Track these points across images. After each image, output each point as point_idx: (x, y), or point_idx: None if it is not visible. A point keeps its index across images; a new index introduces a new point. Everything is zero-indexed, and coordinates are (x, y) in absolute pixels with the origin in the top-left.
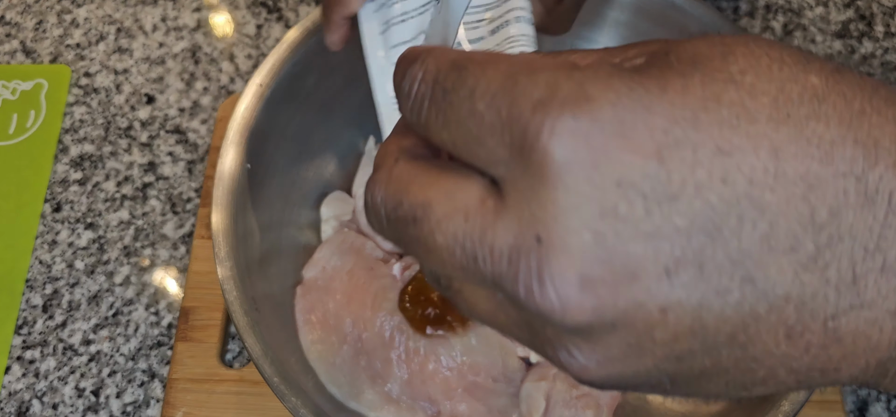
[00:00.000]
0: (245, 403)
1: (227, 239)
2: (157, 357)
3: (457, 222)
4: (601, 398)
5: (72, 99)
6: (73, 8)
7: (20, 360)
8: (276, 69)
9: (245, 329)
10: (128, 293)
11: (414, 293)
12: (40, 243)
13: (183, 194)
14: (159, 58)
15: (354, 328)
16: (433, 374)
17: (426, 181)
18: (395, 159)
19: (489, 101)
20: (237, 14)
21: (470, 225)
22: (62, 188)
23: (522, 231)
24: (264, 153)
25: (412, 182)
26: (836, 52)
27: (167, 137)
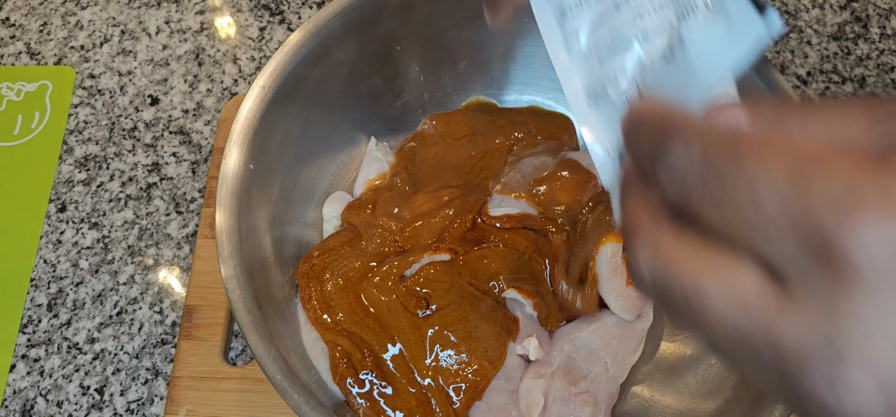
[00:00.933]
0: (248, 400)
1: (231, 239)
2: (160, 355)
3: (736, 313)
4: (599, 395)
5: (76, 100)
6: (77, 10)
7: (25, 358)
8: (278, 71)
9: (248, 328)
10: (132, 291)
11: (412, 292)
12: (45, 243)
13: (187, 194)
14: (163, 60)
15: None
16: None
17: (697, 266)
18: (655, 220)
19: (776, 197)
20: (240, 17)
21: (751, 319)
22: (67, 188)
23: (815, 335)
24: (267, 154)
25: (683, 263)
26: (831, 53)
27: (171, 138)
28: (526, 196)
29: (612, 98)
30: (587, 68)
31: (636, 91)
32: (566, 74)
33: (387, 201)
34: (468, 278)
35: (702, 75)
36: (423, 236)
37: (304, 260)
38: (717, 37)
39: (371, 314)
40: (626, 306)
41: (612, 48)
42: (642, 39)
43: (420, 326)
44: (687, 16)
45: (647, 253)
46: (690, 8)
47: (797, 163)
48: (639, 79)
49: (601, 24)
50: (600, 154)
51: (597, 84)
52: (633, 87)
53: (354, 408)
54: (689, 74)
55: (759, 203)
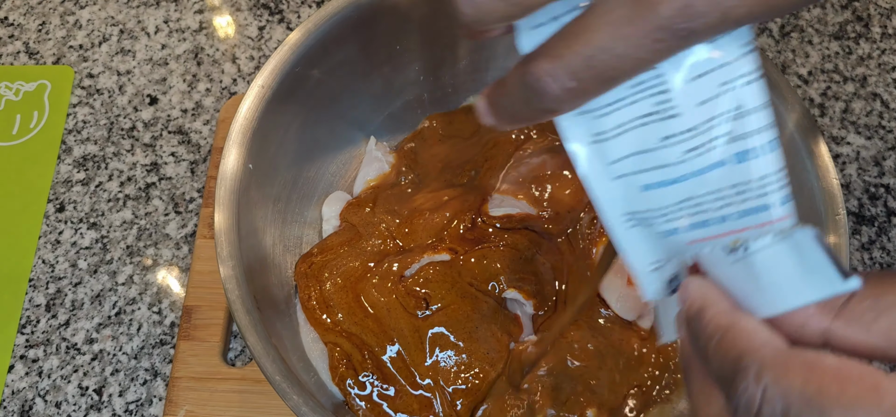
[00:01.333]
0: (247, 401)
1: (230, 238)
2: (159, 356)
3: None
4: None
5: (75, 100)
6: (76, 9)
7: (23, 359)
8: (277, 70)
9: (247, 328)
10: (131, 292)
11: (412, 292)
12: (43, 243)
13: (185, 194)
14: (162, 59)
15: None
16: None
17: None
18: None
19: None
20: (239, 16)
21: None
22: (65, 188)
23: None
24: (266, 154)
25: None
26: (833, 52)
27: (170, 137)
28: (526, 196)
29: (657, 227)
30: (626, 191)
31: (690, 259)
32: (603, 191)
33: (386, 200)
34: (468, 278)
35: (767, 292)
36: (423, 235)
37: (302, 260)
38: (788, 267)
39: (370, 314)
40: (626, 306)
41: (660, 182)
42: (695, 179)
43: (419, 327)
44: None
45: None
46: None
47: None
48: (698, 251)
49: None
50: (641, 268)
51: (641, 210)
52: (686, 229)
53: (354, 409)
54: (752, 283)
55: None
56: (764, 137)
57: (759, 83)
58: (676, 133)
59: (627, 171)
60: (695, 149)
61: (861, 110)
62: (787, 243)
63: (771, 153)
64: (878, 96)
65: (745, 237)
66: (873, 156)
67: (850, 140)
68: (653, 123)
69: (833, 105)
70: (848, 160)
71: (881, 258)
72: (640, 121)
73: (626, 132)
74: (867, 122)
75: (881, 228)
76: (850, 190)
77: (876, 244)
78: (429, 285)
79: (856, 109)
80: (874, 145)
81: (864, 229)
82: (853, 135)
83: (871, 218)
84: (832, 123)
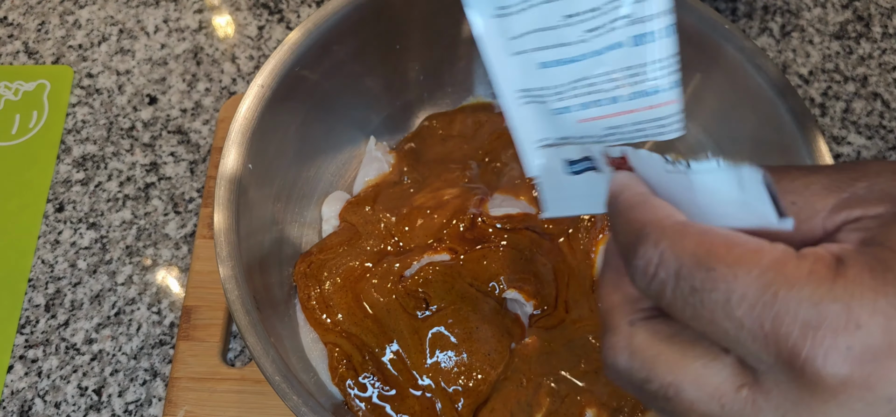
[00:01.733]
0: (246, 401)
1: (229, 239)
2: (159, 356)
3: (712, 407)
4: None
5: (74, 100)
6: (75, 9)
7: (23, 359)
8: (277, 70)
9: (246, 328)
10: (130, 292)
11: (411, 292)
12: (43, 243)
13: (185, 194)
14: (161, 59)
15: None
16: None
17: (673, 361)
18: (629, 321)
19: (748, 312)
20: (239, 15)
21: (726, 411)
22: (65, 188)
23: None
24: (266, 153)
25: (657, 360)
26: (834, 52)
27: (169, 137)
28: (526, 196)
29: (549, 105)
30: (523, 67)
31: (620, 152)
32: (501, 65)
33: (386, 199)
34: (468, 278)
35: (698, 206)
36: (423, 235)
37: (302, 259)
38: (727, 194)
39: (370, 315)
40: None
41: (556, 57)
42: (593, 57)
43: (419, 328)
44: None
45: (623, 352)
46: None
47: (765, 277)
48: (630, 153)
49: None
50: (527, 144)
51: (534, 87)
52: (577, 102)
53: (354, 410)
54: (685, 194)
55: (732, 313)
56: (662, 21)
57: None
58: (579, 12)
59: (527, 47)
60: (595, 29)
61: (862, 110)
62: (731, 174)
63: (667, 38)
64: (879, 96)
65: (633, 133)
66: (874, 156)
67: (850, 140)
68: (557, 0)
69: (834, 105)
70: (849, 160)
71: None
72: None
73: (531, 8)
74: (868, 122)
75: None
76: None
77: None
78: (428, 285)
79: (856, 109)
80: (875, 145)
81: None
82: (854, 135)
83: None
84: (833, 123)
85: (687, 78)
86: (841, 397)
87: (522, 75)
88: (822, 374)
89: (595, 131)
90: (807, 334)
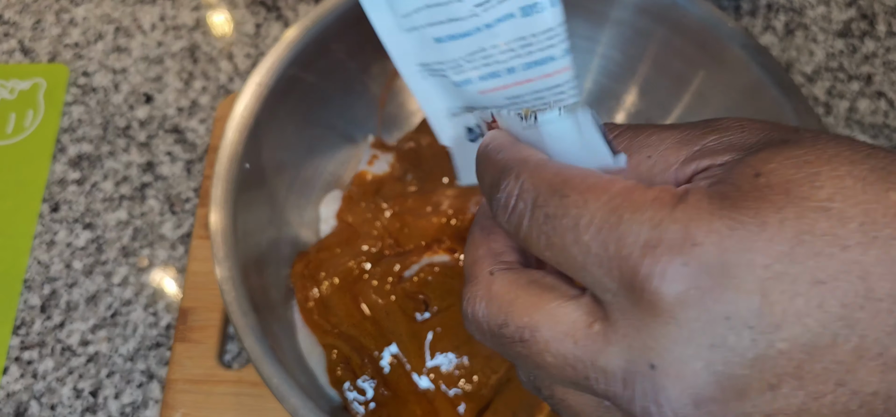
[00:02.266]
0: (244, 404)
1: (226, 239)
2: (155, 358)
3: (566, 344)
4: None
5: (70, 98)
6: (71, 7)
7: (18, 361)
8: (274, 68)
9: (244, 330)
10: (126, 293)
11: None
12: (38, 244)
13: (181, 193)
14: (158, 57)
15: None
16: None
17: (529, 303)
18: (490, 271)
19: (595, 235)
20: (236, 13)
21: (580, 349)
22: (60, 188)
23: (635, 358)
24: (263, 153)
25: (514, 303)
26: (837, 51)
27: (166, 136)
28: None
29: (450, 78)
30: (420, 44)
31: (489, 115)
32: (395, 44)
33: (385, 199)
34: None
35: (553, 156)
36: (422, 235)
37: (299, 260)
38: (570, 140)
39: (368, 317)
40: None
41: (450, 34)
42: (487, 31)
43: (418, 331)
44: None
45: (481, 300)
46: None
47: (613, 203)
48: (495, 111)
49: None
50: (435, 114)
51: (432, 62)
52: (476, 72)
53: (352, 413)
54: (541, 146)
55: (582, 242)
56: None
57: None
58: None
59: (419, 23)
60: (484, 3)
61: (866, 109)
62: (570, 120)
63: (555, 7)
64: (884, 95)
65: (534, 101)
66: None
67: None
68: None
69: (838, 104)
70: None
71: None
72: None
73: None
74: (873, 121)
75: None
76: None
77: None
78: (428, 287)
79: (861, 107)
80: (880, 144)
81: None
82: (859, 134)
83: None
84: (837, 122)
85: (690, 76)
86: (679, 316)
87: (419, 50)
88: (660, 292)
89: (497, 101)
90: (646, 253)
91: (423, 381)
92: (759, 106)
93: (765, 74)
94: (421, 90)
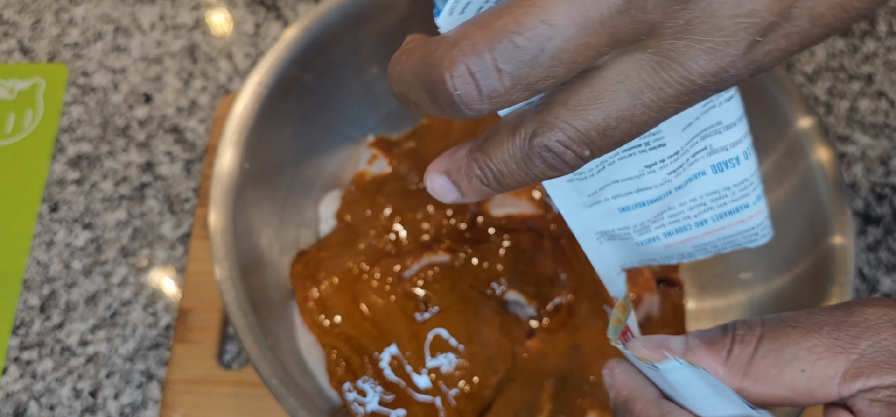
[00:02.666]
0: (243, 404)
1: (225, 239)
2: (154, 358)
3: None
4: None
5: (69, 98)
6: (70, 7)
7: (17, 361)
8: (274, 68)
9: (243, 330)
10: (125, 293)
11: (411, 294)
12: (37, 244)
13: (180, 193)
14: (157, 57)
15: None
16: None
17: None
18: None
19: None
20: (235, 12)
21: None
22: (59, 188)
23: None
24: (262, 152)
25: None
26: (838, 51)
27: (165, 136)
28: (526, 196)
29: (633, 240)
30: (600, 214)
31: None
32: (575, 218)
33: (385, 198)
34: (469, 280)
35: (682, 398)
36: (422, 234)
37: (298, 259)
38: (699, 388)
39: (368, 317)
40: None
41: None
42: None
43: (418, 331)
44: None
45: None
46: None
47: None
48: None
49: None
50: (605, 273)
51: (614, 229)
52: (664, 237)
53: (352, 414)
54: (668, 387)
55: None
56: (741, 147)
57: (737, 99)
58: (661, 160)
59: (605, 197)
60: (677, 169)
61: (867, 109)
62: (693, 371)
63: (748, 160)
64: (884, 95)
65: (723, 245)
66: (879, 155)
67: (855, 139)
68: (638, 154)
69: (838, 104)
70: (853, 160)
71: (887, 259)
72: (624, 153)
73: (607, 167)
74: (873, 121)
75: (887, 228)
76: (855, 190)
77: (882, 245)
78: (428, 287)
79: (862, 107)
80: (880, 145)
81: (870, 230)
82: (859, 134)
83: (878, 218)
84: (838, 122)
85: None
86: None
87: (601, 220)
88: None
89: (685, 251)
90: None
91: (423, 381)
92: (760, 106)
93: (765, 75)
94: (597, 254)
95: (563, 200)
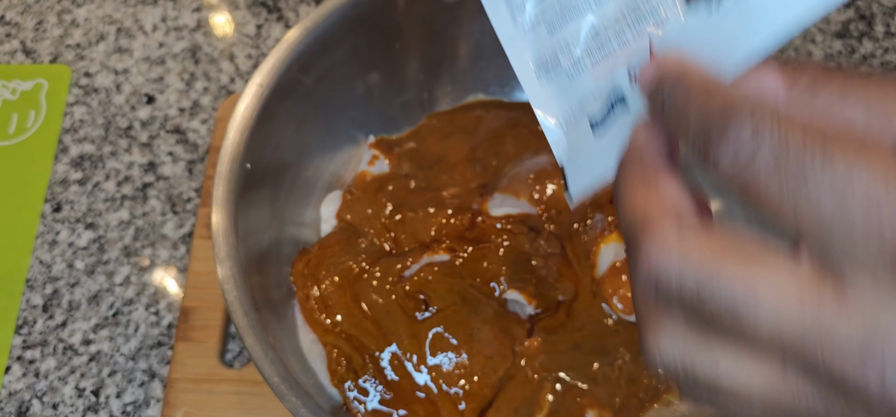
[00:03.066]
0: (245, 403)
1: (227, 239)
2: (157, 357)
3: (790, 305)
4: None
5: (72, 99)
6: (73, 8)
7: (20, 360)
8: (276, 69)
9: (245, 329)
10: (128, 292)
11: (411, 294)
12: (40, 243)
13: (183, 193)
14: (159, 58)
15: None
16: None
17: (742, 260)
18: (676, 225)
19: (865, 208)
20: (237, 14)
21: (807, 311)
22: (62, 188)
23: (878, 330)
24: (264, 153)
25: (722, 260)
26: (836, 52)
27: (167, 136)
28: (526, 196)
29: (564, 67)
30: (535, 40)
31: (645, 49)
32: (513, 47)
33: (385, 198)
34: (468, 279)
35: (759, 25)
36: (422, 234)
37: (299, 258)
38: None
39: (368, 316)
40: (630, 308)
41: (562, 16)
42: (595, 5)
43: (418, 331)
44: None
45: (672, 258)
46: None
47: (889, 175)
48: (652, 35)
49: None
50: (552, 128)
51: (547, 54)
52: (587, 54)
53: (353, 412)
54: (738, 26)
55: (846, 206)
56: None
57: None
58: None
59: (536, 17)
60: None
61: None
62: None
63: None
64: None
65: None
66: None
67: None
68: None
69: None
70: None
71: None
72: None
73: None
74: None
75: None
76: None
77: None
78: (428, 286)
79: None
80: None
81: None
82: None
83: None
84: None
85: None
86: None
87: (536, 46)
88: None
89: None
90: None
91: (423, 380)
92: None
93: None
94: (540, 98)
95: (505, 28)
